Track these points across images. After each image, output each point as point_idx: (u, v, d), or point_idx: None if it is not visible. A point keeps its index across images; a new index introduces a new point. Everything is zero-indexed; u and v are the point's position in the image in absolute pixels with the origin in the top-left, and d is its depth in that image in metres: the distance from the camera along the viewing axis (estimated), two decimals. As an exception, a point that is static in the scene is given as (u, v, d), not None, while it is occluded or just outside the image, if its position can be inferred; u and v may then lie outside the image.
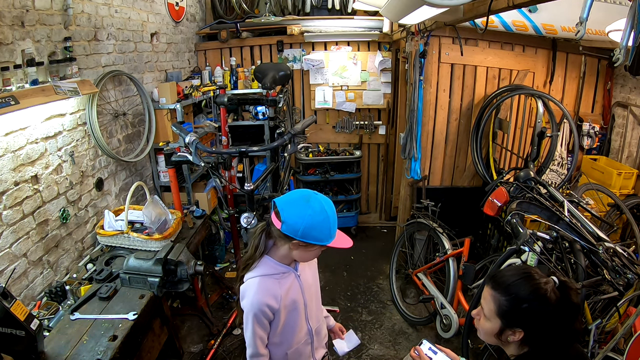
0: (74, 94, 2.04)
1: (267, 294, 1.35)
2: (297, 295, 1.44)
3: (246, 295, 1.37)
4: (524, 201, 2.18)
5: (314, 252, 1.36)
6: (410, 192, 3.55)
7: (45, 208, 2.07)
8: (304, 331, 1.50)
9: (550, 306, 1.05)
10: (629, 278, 1.77)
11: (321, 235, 1.28)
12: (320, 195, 1.32)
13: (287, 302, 1.40)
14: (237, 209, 2.84)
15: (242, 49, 4.28)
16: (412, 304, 3.19)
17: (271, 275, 1.38)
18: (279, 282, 1.39)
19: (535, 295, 1.07)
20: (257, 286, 1.35)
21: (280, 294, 1.38)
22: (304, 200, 1.29)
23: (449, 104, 3.51)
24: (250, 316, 1.35)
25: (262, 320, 1.36)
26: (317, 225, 1.27)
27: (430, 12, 2.06)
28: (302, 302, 1.47)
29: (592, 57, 3.40)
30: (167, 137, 3.11)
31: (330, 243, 1.31)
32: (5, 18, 1.80)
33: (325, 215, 1.27)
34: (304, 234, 1.26)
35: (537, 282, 1.08)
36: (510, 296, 1.09)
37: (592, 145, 3.49)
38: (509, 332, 1.11)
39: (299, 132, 2.32)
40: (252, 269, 1.40)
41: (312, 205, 1.27)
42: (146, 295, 1.95)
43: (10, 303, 1.42)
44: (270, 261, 1.39)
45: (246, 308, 1.36)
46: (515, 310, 1.08)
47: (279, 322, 1.41)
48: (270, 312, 1.37)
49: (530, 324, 1.08)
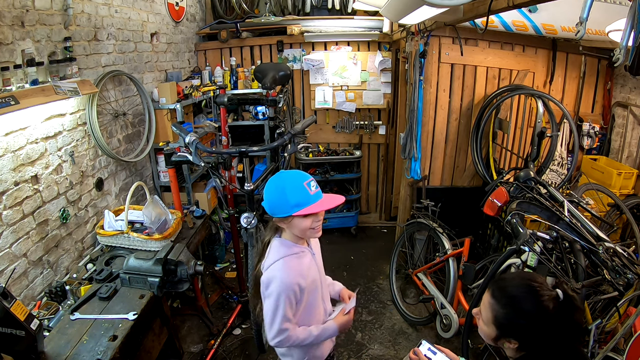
0: (74, 94, 2.04)
1: (295, 273, 1.39)
2: (316, 274, 1.49)
3: (274, 279, 1.38)
4: (524, 201, 2.18)
5: (307, 221, 1.38)
6: (410, 192, 3.55)
7: (45, 208, 2.07)
8: (321, 312, 1.55)
9: (549, 324, 1.02)
10: (629, 278, 1.76)
11: (292, 203, 1.33)
12: (284, 172, 1.41)
13: (309, 281, 1.44)
14: (237, 209, 2.84)
15: (242, 49, 4.28)
16: (412, 304, 3.19)
17: (292, 255, 1.42)
18: (300, 260, 1.43)
19: (534, 313, 1.03)
20: (284, 267, 1.39)
21: (304, 272, 1.42)
22: (269, 183, 1.41)
23: (449, 104, 3.51)
24: (283, 297, 1.36)
25: (292, 300, 1.39)
26: (280, 198, 1.35)
27: (430, 12, 2.06)
28: (319, 282, 1.51)
29: (592, 57, 3.40)
30: (167, 137, 3.11)
31: (313, 207, 1.34)
32: (5, 18, 1.80)
33: (284, 186, 1.35)
34: (276, 210, 1.36)
35: (539, 299, 1.02)
36: (507, 310, 1.06)
37: (592, 145, 3.49)
38: (504, 340, 1.10)
39: (299, 132, 2.32)
40: (268, 256, 1.44)
41: (274, 182, 1.38)
42: (146, 295, 1.95)
43: (10, 303, 1.42)
44: (285, 242, 1.45)
45: (276, 290, 1.37)
46: (511, 324, 1.06)
47: (301, 303, 1.44)
48: (299, 291, 1.39)
49: (526, 337, 1.06)
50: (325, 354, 1.62)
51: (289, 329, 1.41)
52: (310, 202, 1.34)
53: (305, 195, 1.34)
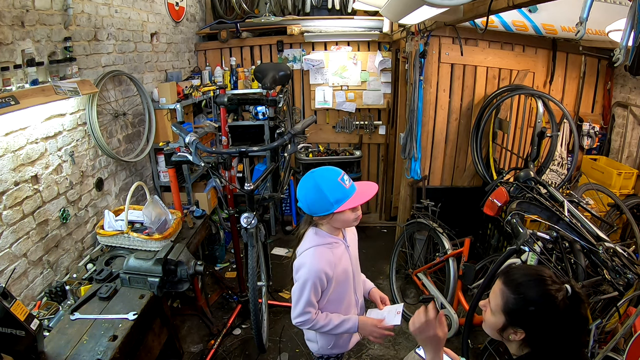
0: (74, 94, 2.04)
1: (324, 262, 1.45)
2: (348, 265, 1.55)
3: (304, 265, 1.46)
4: (524, 201, 2.18)
5: (348, 214, 1.44)
6: (410, 192, 3.54)
7: (45, 208, 2.07)
8: (352, 304, 1.61)
9: (557, 314, 1.04)
10: (629, 278, 1.76)
11: (332, 200, 1.39)
12: (315, 171, 1.46)
13: (339, 272, 1.50)
14: (237, 209, 2.84)
15: (242, 49, 4.28)
16: (412, 304, 3.19)
17: (324, 245, 1.49)
18: (332, 251, 1.50)
19: (543, 300, 1.05)
20: (314, 255, 1.46)
21: (334, 262, 1.48)
22: (303, 184, 1.47)
23: (449, 104, 3.51)
24: (309, 283, 1.44)
25: (318, 287, 1.46)
26: (319, 197, 1.40)
27: (430, 12, 2.06)
28: (351, 273, 1.56)
29: (592, 57, 3.40)
30: (167, 137, 3.11)
31: (353, 201, 1.40)
32: (5, 18, 1.80)
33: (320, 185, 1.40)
34: (316, 209, 1.42)
35: (549, 287, 1.05)
36: (519, 295, 1.08)
37: (592, 145, 3.49)
38: (511, 331, 1.11)
39: (299, 132, 2.31)
40: (303, 243, 1.52)
41: (309, 182, 1.44)
42: (146, 295, 1.95)
43: (10, 303, 1.42)
44: (320, 232, 1.51)
45: (303, 276, 1.45)
46: (521, 310, 1.08)
47: (328, 292, 1.51)
48: (326, 279, 1.46)
49: (533, 327, 1.07)
50: (351, 344, 1.68)
51: (311, 312, 1.49)
52: (348, 197, 1.40)
53: (342, 190, 1.40)
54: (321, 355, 1.69)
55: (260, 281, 2.55)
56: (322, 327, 1.51)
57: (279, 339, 2.85)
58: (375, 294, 1.71)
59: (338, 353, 1.69)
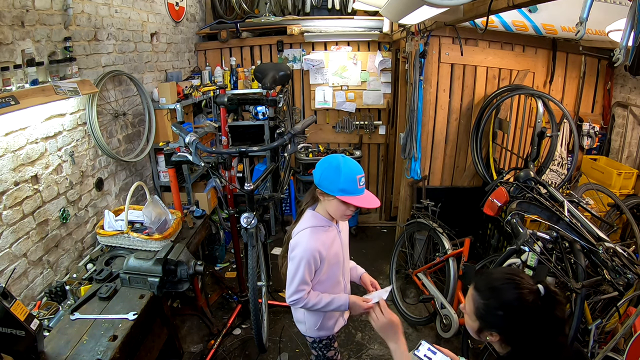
0: (74, 94, 2.04)
1: (318, 242, 1.55)
2: (339, 249, 1.65)
3: (299, 244, 1.56)
4: (524, 201, 2.18)
5: (344, 207, 1.52)
6: (410, 192, 3.54)
7: (45, 208, 2.07)
8: (341, 288, 1.71)
9: (527, 316, 1.04)
10: (629, 278, 1.76)
11: (340, 186, 1.46)
12: (345, 157, 1.52)
13: (331, 254, 1.59)
14: (237, 209, 2.84)
15: (242, 49, 4.28)
16: (412, 304, 3.19)
17: (319, 227, 1.58)
18: (326, 233, 1.59)
19: (511, 304, 1.05)
20: (309, 235, 1.55)
21: (327, 243, 1.58)
22: (329, 157, 1.53)
23: (449, 104, 3.51)
24: (304, 262, 1.53)
25: (312, 265, 1.55)
26: (334, 176, 1.47)
27: (430, 12, 2.06)
28: (342, 257, 1.67)
29: (592, 57, 3.40)
30: (167, 137, 3.11)
31: (356, 200, 1.47)
32: (5, 18, 1.80)
33: (341, 168, 1.46)
34: (324, 184, 1.49)
35: (518, 291, 1.05)
36: (487, 300, 1.09)
37: (592, 145, 3.49)
38: (486, 333, 1.12)
39: (299, 132, 2.31)
40: (299, 223, 1.61)
41: (334, 160, 1.50)
42: (146, 295, 1.95)
43: (10, 303, 1.42)
44: (317, 215, 1.60)
45: (298, 255, 1.54)
46: (491, 314, 1.08)
47: (320, 273, 1.60)
48: (319, 258, 1.56)
49: (505, 329, 1.08)
50: (336, 328, 1.77)
51: (305, 290, 1.57)
52: (355, 194, 1.48)
53: (354, 186, 1.47)
54: (313, 339, 1.78)
55: (260, 281, 2.55)
56: (314, 304, 1.59)
57: (279, 339, 2.85)
58: (366, 278, 1.83)
59: (324, 336, 1.77)
